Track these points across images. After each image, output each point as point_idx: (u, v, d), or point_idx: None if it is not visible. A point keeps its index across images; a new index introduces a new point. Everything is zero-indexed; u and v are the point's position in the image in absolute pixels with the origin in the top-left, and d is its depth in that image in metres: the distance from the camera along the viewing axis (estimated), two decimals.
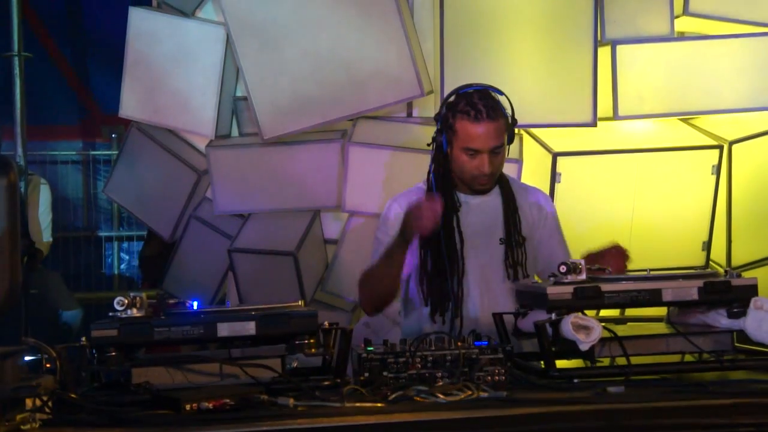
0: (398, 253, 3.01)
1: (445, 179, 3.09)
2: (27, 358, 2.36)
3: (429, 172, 3.13)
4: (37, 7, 7.51)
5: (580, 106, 4.11)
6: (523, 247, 3.10)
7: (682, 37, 4.32)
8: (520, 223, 3.12)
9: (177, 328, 2.44)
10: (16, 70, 5.05)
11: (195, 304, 2.57)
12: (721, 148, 4.15)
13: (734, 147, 4.20)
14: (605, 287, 2.59)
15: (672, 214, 4.16)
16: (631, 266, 3.13)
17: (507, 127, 3.07)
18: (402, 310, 3.22)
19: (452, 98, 3.08)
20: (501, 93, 3.10)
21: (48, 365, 2.33)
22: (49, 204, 5.46)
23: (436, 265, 3.05)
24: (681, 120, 4.33)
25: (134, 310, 2.45)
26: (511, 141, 3.09)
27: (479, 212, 3.11)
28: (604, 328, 2.55)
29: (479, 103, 3.03)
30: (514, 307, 2.91)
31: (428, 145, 3.14)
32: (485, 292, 3.09)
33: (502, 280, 3.09)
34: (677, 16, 4.25)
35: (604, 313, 3.54)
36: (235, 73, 4.32)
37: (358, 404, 2.31)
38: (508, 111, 3.10)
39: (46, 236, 5.40)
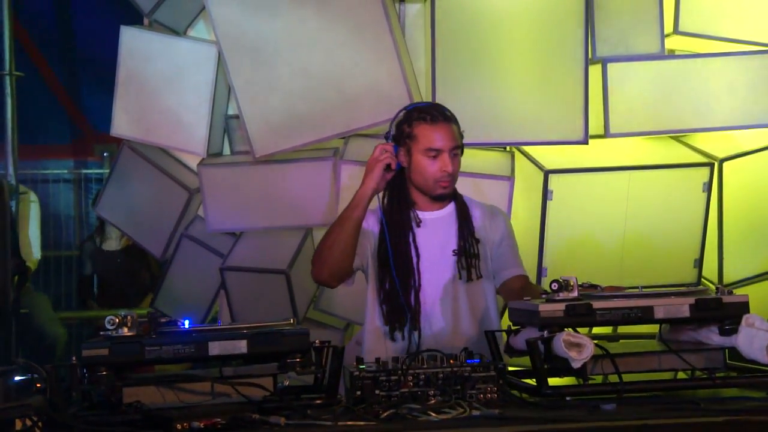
0: (352, 211, 3.07)
1: (401, 197, 3.16)
2: (17, 378, 2.34)
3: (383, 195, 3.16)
4: (28, 27, 7.52)
5: (572, 124, 4.12)
6: (476, 248, 3.17)
7: (672, 55, 4.34)
8: (473, 228, 3.19)
9: (168, 347, 2.43)
10: (8, 89, 5.06)
11: (186, 322, 2.56)
12: (711, 165, 4.16)
13: (725, 164, 4.21)
14: (597, 305, 2.59)
15: (663, 231, 4.16)
16: (622, 283, 3.13)
17: (460, 134, 3.18)
18: (363, 334, 3.23)
19: (401, 115, 3.18)
20: (447, 110, 3.19)
21: (38, 385, 2.32)
22: (38, 220, 5.44)
23: (393, 281, 3.10)
24: (672, 137, 4.34)
25: (125, 329, 2.44)
26: (461, 152, 3.19)
27: (435, 227, 3.18)
28: (596, 345, 2.55)
29: (432, 109, 3.19)
30: (474, 310, 3.06)
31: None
32: (442, 305, 3.14)
33: (457, 286, 3.14)
34: (667, 35, 4.27)
35: (596, 330, 3.55)
36: (227, 92, 4.33)
37: (350, 423, 2.30)
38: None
39: (36, 252, 5.39)
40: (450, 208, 3.22)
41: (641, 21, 4.23)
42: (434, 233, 3.17)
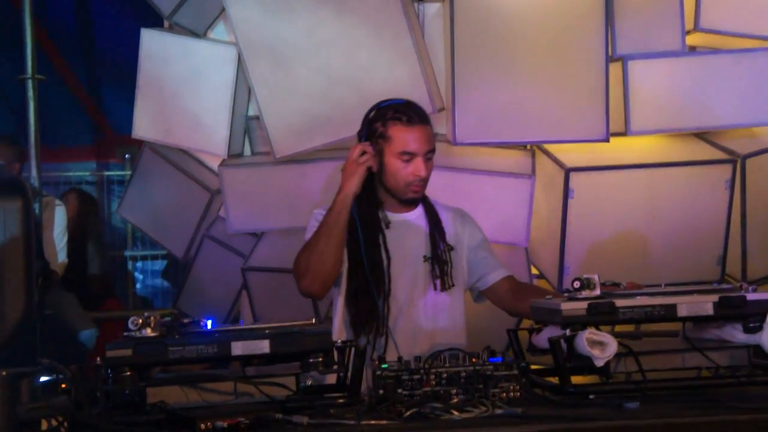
0: (337, 217, 2.97)
1: (370, 198, 3.04)
2: (42, 379, 2.36)
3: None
4: (50, 30, 7.56)
5: (593, 122, 4.11)
6: (449, 256, 3.07)
7: (693, 52, 4.32)
8: (444, 235, 3.09)
9: (191, 347, 2.44)
10: (30, 93, 5.08)
11: (209, 322, 2.57)
12: (734, 162, 4.14)
13: (747, 161, 4.19)
14: (620, 303, 2.58)
15: (686, 229, 4.14)
16: (645, 281, 3.11)
17: (434, 136, 3.06)
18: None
19: (374, 113, 3.04)
20: (422, 110, 3.08)
21: (63, 386, 2.33)
22: (65, 225, 5.48)
23: (363, 284, 2.99)
24: (693, 135, 4.32)
25: (148, 330, 2.45)
26: (433, 154, 3.07)
27: (405, 230, 3.07)
28: (620, 343, 2.55)
29: (408, 109, 3.02)
30: (442, 319, 3.01)
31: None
32: (410, 312, 3.04)
33: (426, 293, 3.06)
34: (688, 32, 4.25)
35: (618, 328, 3.53)
36: (247, 93, 4.34)
37: (373, 422, 2.30)
38: None
39: (61, 257, 5.42)
40: (418, 212, 3.11)
41: (662, 17, 4.21)
42: (402, 236, 3.06)
